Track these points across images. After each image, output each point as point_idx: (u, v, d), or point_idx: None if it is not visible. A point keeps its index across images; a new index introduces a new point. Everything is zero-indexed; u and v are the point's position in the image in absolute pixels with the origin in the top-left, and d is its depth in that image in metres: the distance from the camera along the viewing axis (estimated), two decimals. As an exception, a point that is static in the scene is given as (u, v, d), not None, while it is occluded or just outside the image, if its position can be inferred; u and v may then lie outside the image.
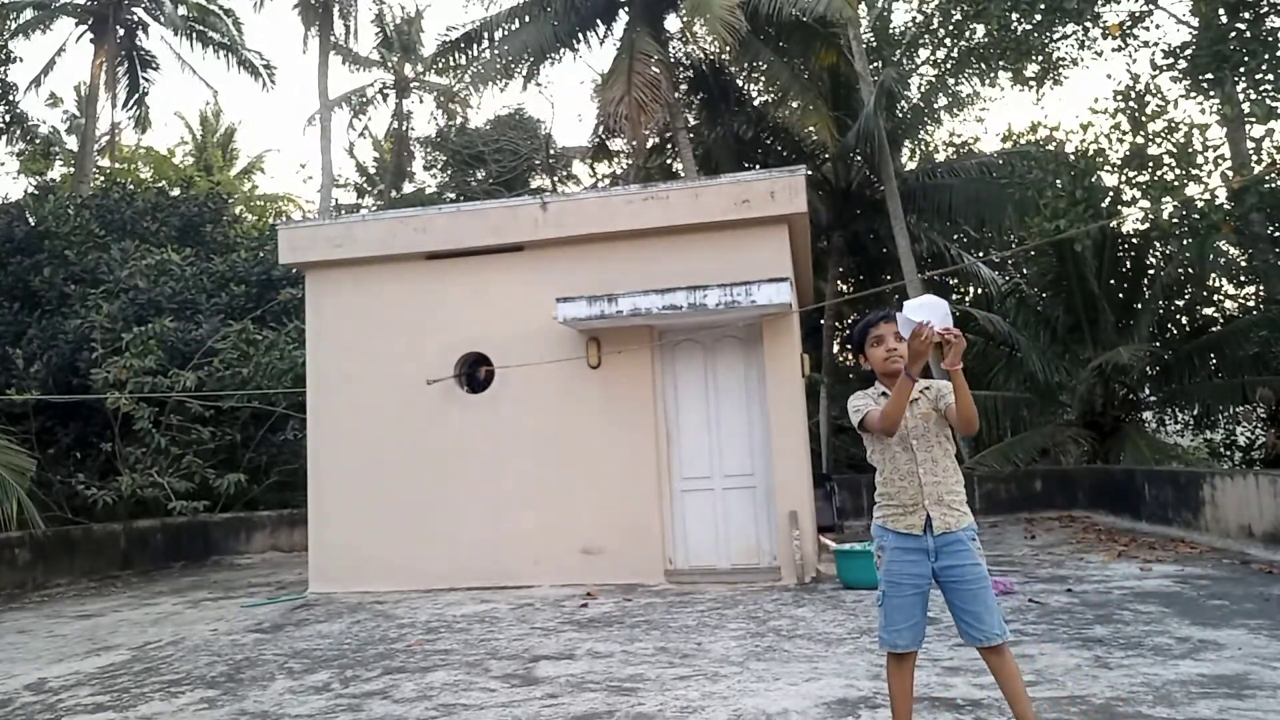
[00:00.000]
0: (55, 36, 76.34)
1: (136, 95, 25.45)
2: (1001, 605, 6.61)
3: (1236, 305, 16.20)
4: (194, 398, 13.01)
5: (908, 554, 3.38)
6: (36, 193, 18.19)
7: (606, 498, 8.61)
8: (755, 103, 20.58)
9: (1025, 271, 17.24)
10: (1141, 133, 14.18)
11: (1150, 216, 13.98)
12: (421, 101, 32.22)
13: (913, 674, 3.48)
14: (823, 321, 19.19)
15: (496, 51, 18.23)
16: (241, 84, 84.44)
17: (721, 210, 8.59)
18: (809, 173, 8.90)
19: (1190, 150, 13.55)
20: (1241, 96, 12.15)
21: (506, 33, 18.13)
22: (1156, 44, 15.10)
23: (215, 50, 25.80)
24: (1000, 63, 16.53)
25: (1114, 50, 16.09)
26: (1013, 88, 18.61)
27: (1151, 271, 15.20)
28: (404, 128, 29.53)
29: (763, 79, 20.07)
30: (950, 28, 16.96)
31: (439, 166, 28.95)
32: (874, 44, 19.72)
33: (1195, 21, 13.53)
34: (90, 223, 16.36)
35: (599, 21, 18.41)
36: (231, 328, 13.93)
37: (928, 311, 3.23)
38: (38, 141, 25.63)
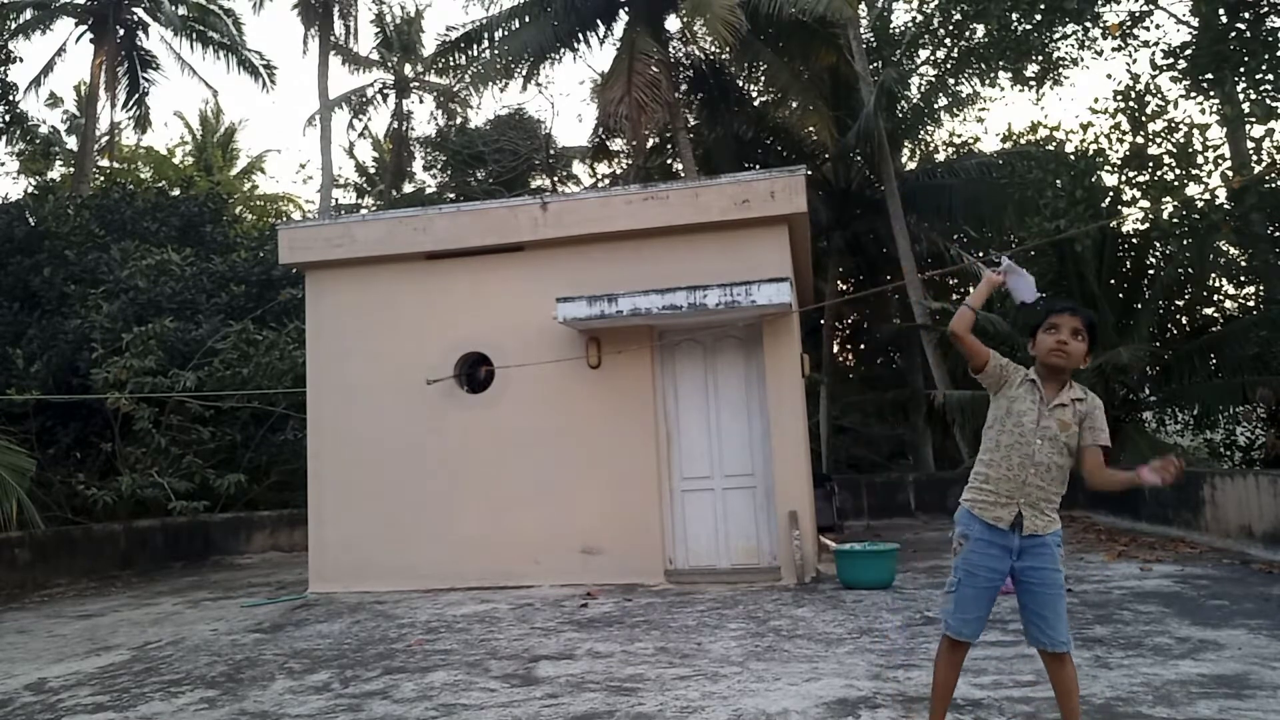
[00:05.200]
0: (55, 36, 76.55)
1: (136, 95, 25.42)
2: (1001, 605, 6.63)
3: (1236, 305, 16.20)
4: (194, 398, 13.00)
5: (991, 547, 3.36)
6: (36, 193, 18.21)
7: (606, 498, 8.61)
8: (755, 103, 20.59)
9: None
10: (1141, 133, 14.19)
11: (1150, 216, 13.99)
12: (421, 101, 32.23)
13: (963, 662, 3.50)
14: (823, 321, 19.21)
15: (496, 51, 18.24)
16: (241, 84, 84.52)
17: (721, 210, 8.58)
18: (809, 173, 8.89)
19: (1190, 150, 13.56)
20: (1241, 96, 12.17)
21: (506, 33, 18.14)
22: (1156, 44, 15.12)
23: (215, 50, 25.78)
24: (1000, 63, 16.53)
25: (1114, 50, 16.11)
26: (1013, 88, 18.63)
27: (1151, 271, 15.18)
28: (404, 128, 29.52)
29: (763, 79, 20.07)
30: (950, 28, 16.97)
31: (439, 166, 28.96)
32: (874, 44, 19.73)
33: (1195, 21, 13.54)
34: (90, 223, 16.36)
35: (599, 21, 18.42)
36: (231, 328, 13.92)
37: (1018, 280, 3.68)
38: (38, 141, 25.63)
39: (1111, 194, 14.73)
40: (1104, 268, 14.43)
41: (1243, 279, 15.83)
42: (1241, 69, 11.67)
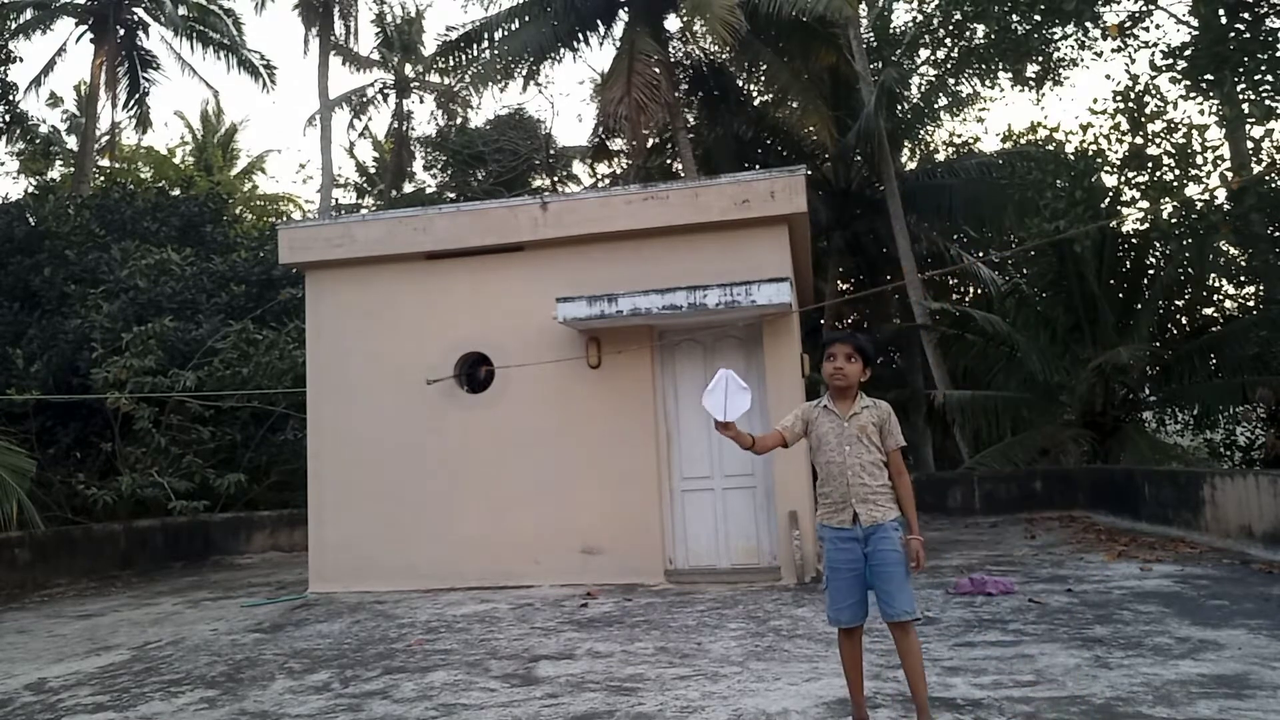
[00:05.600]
0: (55, 36, 76.46)
1: (137, 95, 25.44)
2: (1001, 605, 6.63)
3: (1236, 305, 16.21)
4: (194, 398, 13.00)
5: (842, 543, 3.90)
6: (36, 193, 18.20)
7: (606, 498, 8.60)
8: (755, 103, 20.59)
9: (1025, 271, 17.29)
10: (1141, 133, 14.20)
11: (1150, 216, 13.99)
12: (421, 101, 32.26)
13: (860, 647, 4.02)
14: (823, 321, 19.21)
15: (496, 51, 18.24)
16: (242, 84, 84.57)
17: (721, 210, 8.58)
18: (809, 173, 8.89)
19: (1190, 151, 13.56)
20: (1241, 97, 12.16)
21: (506, 33, 18.15)
22: (1156, 44, 15.13)
23: (215, 50, 25.80)
24: (1000, 63, 16.54)
25: (1114, 51, 16.11)
26: (1013, 88, 18.63)
27: (1151, 271, 15.20)
28: (404, 128, 29.53)
29: (763, 79, 20.09)
30: (950, 28, 16.98)
31: (439, 166, 28.95)
32: (874, 44, 19.73)
33: (1195, 22, 13.54)
34: (90, 223, 16.37)
35: (599, 22, 18.42)
36: (231, 327, 13.92)
37: (715, 399, 3.91)
38: (38, 141, 25.65)
39: (1111, 194, 14.74)
40: (1104, 268, 14.44)
41: (1243, 279, 15.84)
42: (1241, 69, 11.66)
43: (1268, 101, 11.61)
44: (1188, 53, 12.42)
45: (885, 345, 20.76)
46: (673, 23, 18.79)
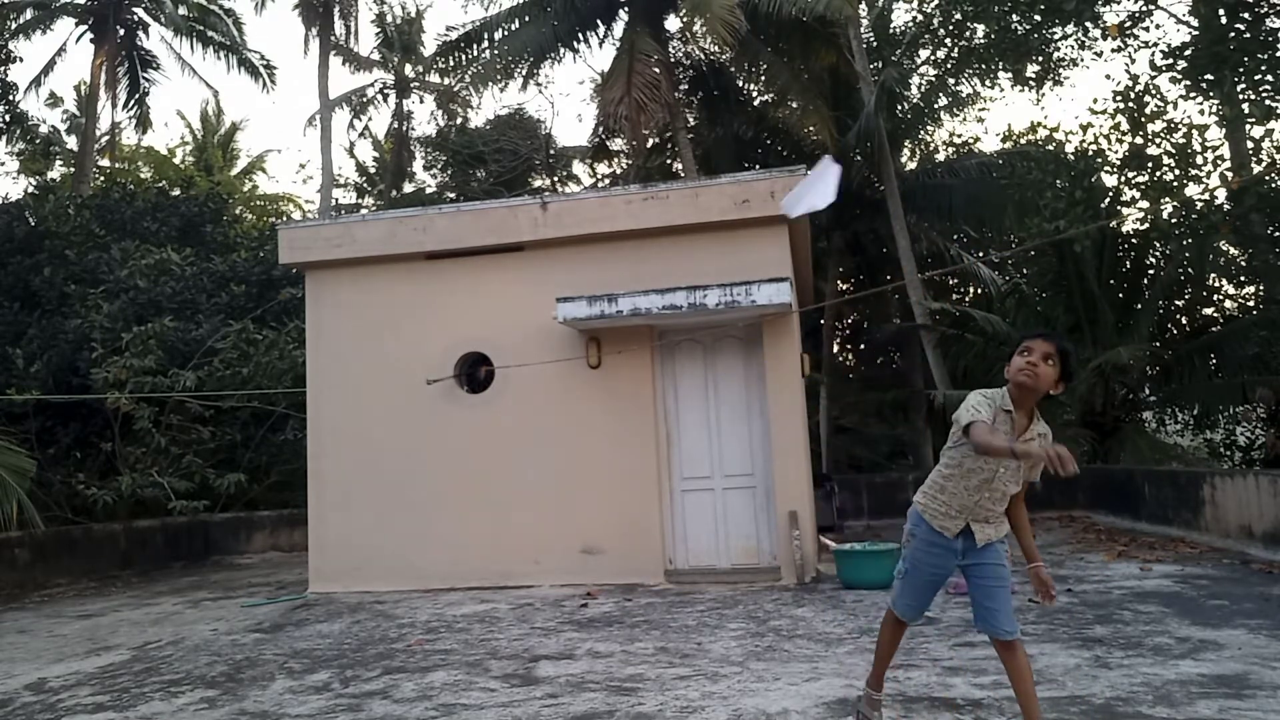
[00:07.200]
0: (55, 36, 76.45)
1: (137, 95, 25.42)
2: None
3: (1236, 305, 16.21)
4: (194, 398, 13.01)
5: (934, 549, 3.66)
6: (36, 193, 18.19)
7: (606, 498, 8.61)
8: (755, 103, 20.57)
9: (1025, 271, 17.27)
10: (1141, 133, 14.19)
11: (1150, 217, 13.99)
12: (422, 101, 32.23)
13: (902, 634, 3.93)
14: (823, 321, 19.20)
15: (496, 51, 18.22)
16: (242, 84, 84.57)
17: (721, 210, 8.59)
18: (809, 173, 8.88)
19: (1189, 151, 13.55)
20: (1241, 97, 12.15)
21: (506, 33, 18.13)
22: (1156, 44, 15.11)
23: (215, 50, 25.78)
24: (1000, 63, 16.53)
25: (1114, 51, 16.11)
26: (1013, 88, 18.62)
27: (1151, 271, 15.19)
28: (404, 128, 29.50)
29: (763, 79, 20.06)
30: (950, 28, 16.97)
31: (439, 166, 28.93)
32: (874, 44, 19.71)
33: (1195, 22, 13.53)
34: (90, 223, 16.37)
35: (599, 21, 18.40)
36: (231, 327, 13.93)
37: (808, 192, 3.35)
38: (38, 141, 25.63)
39: (1111, 194, 14.74)
40: (1104, 268, 14.44)
41: (1243, 279, 15.84)
42: (1241, 69, 11.65)
43: (1268, 101, 11.61)
44: (1188, 53, 12.41)
45: (885, 345, 20.77)
46: (673, 23, 18.77)
